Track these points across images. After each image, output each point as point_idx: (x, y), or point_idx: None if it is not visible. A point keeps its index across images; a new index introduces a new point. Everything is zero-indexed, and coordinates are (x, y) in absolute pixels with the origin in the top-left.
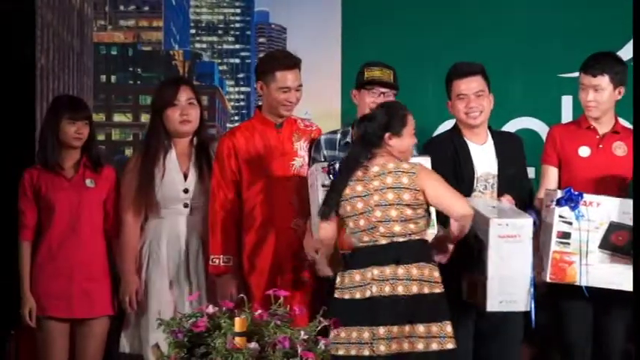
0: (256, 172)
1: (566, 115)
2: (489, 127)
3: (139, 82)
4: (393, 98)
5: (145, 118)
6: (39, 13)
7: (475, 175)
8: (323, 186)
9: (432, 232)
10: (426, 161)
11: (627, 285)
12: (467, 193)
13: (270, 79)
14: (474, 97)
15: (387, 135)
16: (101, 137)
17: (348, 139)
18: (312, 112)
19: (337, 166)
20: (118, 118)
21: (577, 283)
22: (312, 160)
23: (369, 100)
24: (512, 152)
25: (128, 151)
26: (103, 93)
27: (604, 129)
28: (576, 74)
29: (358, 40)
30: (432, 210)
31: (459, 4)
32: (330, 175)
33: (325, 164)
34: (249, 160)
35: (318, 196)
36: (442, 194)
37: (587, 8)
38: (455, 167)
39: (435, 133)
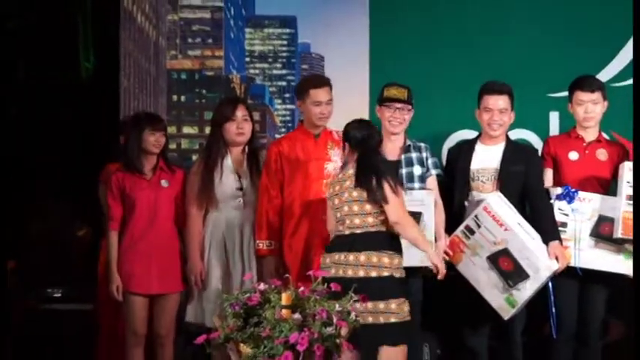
0: (296, 174)
1: (553, 128)
2: (507, 137)
3: (203, 101)
4: (407, 112)
5: (207, 130)
6: (122, 44)
7: (470, 167)
8: None
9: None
10: (429, 196)
11: (610, 267)
12: (463, 180)
13: (306, 96)
14: (497, 112)
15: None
16: (172, 146)
17: None
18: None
19: None
20: (186, 130)
21: (571, 264)
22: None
23: (388, 115)
24: (520, 156)
25: (194, 157)
26: (174, 110)
27: (590, 138)
28: (562, 94)
29: (383, 66)
30: (431, 231)
31: (467, 32)
32: None
33: None
34: (291, 163)
35: None
36: (392, 203)
37: (570, 37)
38: (457, 160)
39: (446, 142)
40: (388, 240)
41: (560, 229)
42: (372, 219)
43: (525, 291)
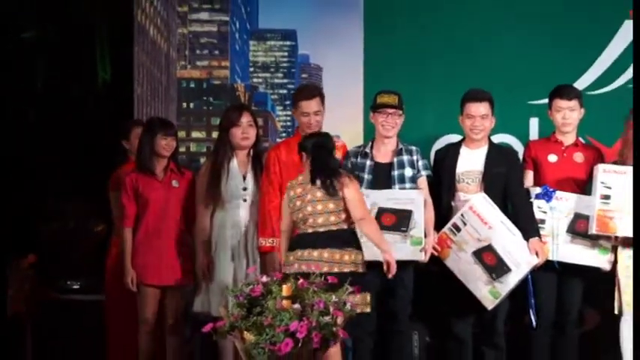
0: (293, 175)
1: (533, 132)
2: (490, 140)
3: (210, 108)
4: (398, 117)
5: (214, 135)
6: (136, 56)
7: (456, 169)
8: None
9: (418, 247)
10: (419, 195)
11: (585, 261)
12: (450, 182)
13: (297, 106)
14: (479, 118)
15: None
16: (182, 149)
17: (367, 150)
18: (341, 131)
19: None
20: (194, 134)
21: (550, 258)
22: (343, 166)
23: (380, 120)
24: (503, 158)
25: (202, 160)
26: (183, 116)
27: (568, 142)
28: (542, 101)
29: (376, 75)
30: (421, 228)
31: (454, 45)
32: None
33: None
34: (288, 166)
35: None
36: (351, 199)
37: (549, 48)
38: (443, 163)
39: (434, 145)
40: (350, 238)
41: (539, 226)
42: (334, 217)
43: (507, 283)
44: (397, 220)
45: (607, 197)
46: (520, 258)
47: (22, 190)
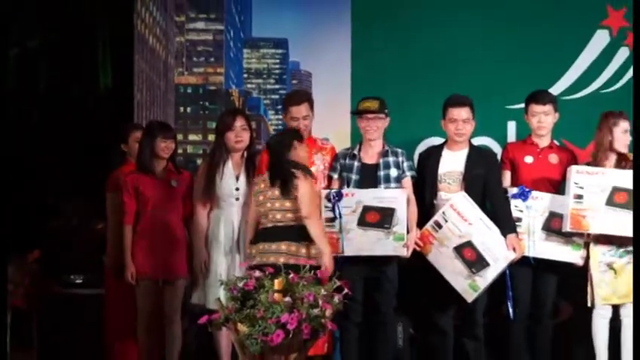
0: None
1: (511, 135)
2: (470, 142)
3: (206, 112)
4: (380, 120)
5: (210, 137)
6: (136, 63)
7: (438, 170)
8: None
9: (401, 243)
10: (402, 194)
11: (559, 256)
12: (432, 182)
13: (287, 112)
14: (461, 122)
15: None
16: (180, 151)
17: (355, 152)
18: (329, 134)
19: (334, 193)
20: (191, 137)
21: (526, 254)
22: (332, 168)
23: (363, 125)
24: (482, 160)
25: (199, 161)
26: (181, 120)
27: (543, 144)
28: (519, 106)
29: (363, 81)
30: (404, 225)
31: (436, 53)
32: (330, 201)
33: (326, 191)
34: None
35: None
36: (301, 197)
37: (526, 56)
38: (426, 164)
39: (418, 147)
40: (306, 232)
41: (516, 223)
42: (290, 215)
43: (486, 277)
44: (381, 218)
45: (580, 197)
46: (498, 253)
47: (23, 190)
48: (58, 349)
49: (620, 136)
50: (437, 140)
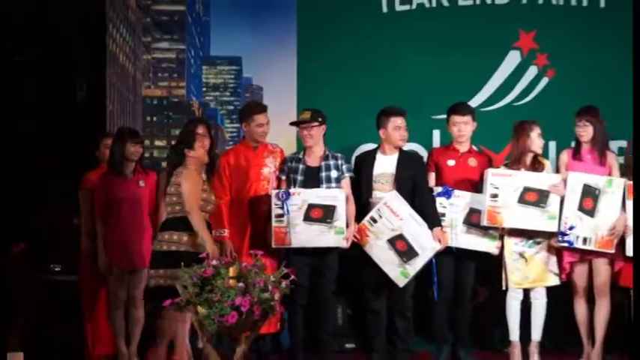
0: (241, 177)
1: (435, 141)
2: (400, 148)
3: (170, 121)
4: (314, 128)
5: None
6: (108, 77)
7: (373, 172)
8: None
9: (341, 236)
10: (342, 193)
11: (478, 247)
12: (367, 182)
13: (250, 120)
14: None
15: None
16: (147, 155)
17: (300, 156)
18: (278, 140)
19: (283, 193)
20: (157, 143)
21: (449, 244)
22: (281, 170)
23: (301, 133)
24: (411, 163)
25: (163, 164)
26: (147, 128)
27: (463, 149)
28: (442, 116)
29: (307, 94)
30: (343, 220)
31: (372, 68)
32: (279, 199)
33: (276, 191)
34: (236, 169)
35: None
36: (183, 193)
37: (448, 72)
38: (362, 167)
39: (355, 152)
40: (189, 223)
41: (440, 218)
42: (178, 207)
43: (415, 265)
44: (323, 214)
45: (495, 195)
46: (426, 244)
47: (10, 190)
48: (40, 328)
49: (536, 139)
50: (371, 146)
